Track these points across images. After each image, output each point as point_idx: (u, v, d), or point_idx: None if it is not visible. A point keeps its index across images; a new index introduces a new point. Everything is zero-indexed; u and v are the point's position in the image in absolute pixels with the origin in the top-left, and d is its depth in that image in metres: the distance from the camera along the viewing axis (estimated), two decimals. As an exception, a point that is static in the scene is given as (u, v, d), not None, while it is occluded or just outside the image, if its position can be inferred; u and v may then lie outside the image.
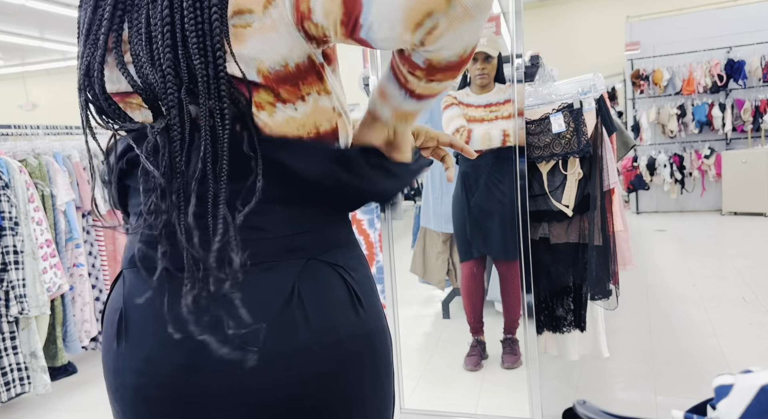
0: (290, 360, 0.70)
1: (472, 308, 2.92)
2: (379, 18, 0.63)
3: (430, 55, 0.66)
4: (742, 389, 0.53)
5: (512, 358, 2.82)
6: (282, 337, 0.70)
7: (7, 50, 11.20)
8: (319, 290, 0.73)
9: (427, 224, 3.46)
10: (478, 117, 2.73)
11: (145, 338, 0.72)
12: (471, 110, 2.78)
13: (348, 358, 0.74)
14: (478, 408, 2.44)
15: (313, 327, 0.71)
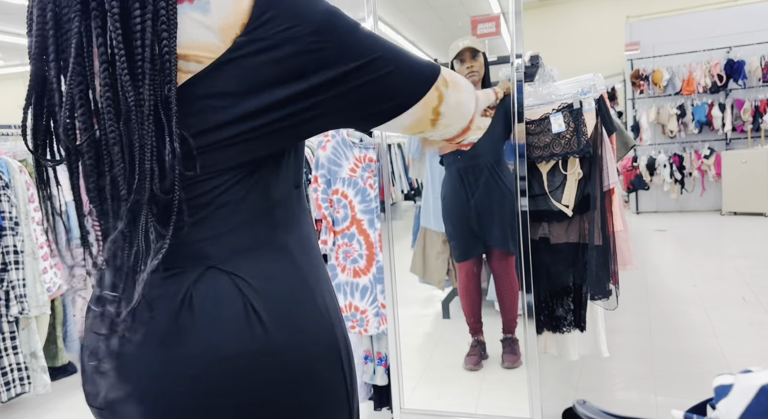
0: (174, 371, 0.68)
1: (471, 309, 2.92)
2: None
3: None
4: (742, 389, 0.53)
5: (512, 358, 2.82)
6: (168, 346, 0.68)
7: (7, 50, 11.21)
8: (210, 302, 0.69)
9: (427, 224, 3.46)
10: None
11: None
12: None
13: (234, 377, 0.68)
14: (478, 408, 2.44)
15: (198, 339, 0.68)
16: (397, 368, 2.35)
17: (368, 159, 2.35)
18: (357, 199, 2.37)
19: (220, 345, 0.68)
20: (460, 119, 0.86)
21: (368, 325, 2.38)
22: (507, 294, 2.79)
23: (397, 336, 2.35)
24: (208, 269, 0.70)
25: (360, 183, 2.37)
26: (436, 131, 0.85)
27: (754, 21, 7.30)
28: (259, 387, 0.69)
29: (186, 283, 0.69)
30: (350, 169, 2.39)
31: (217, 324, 0.68)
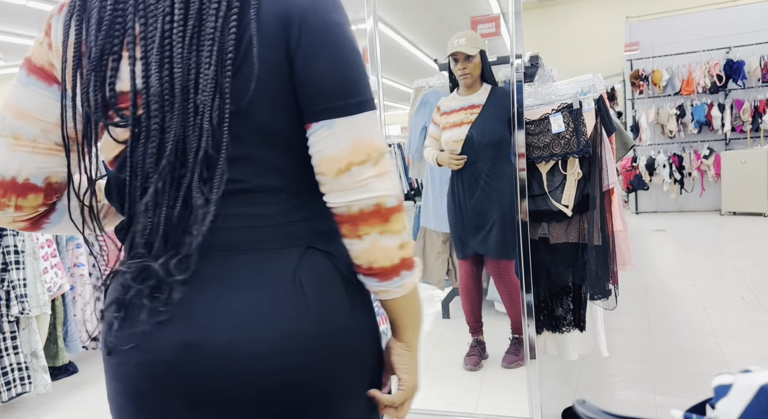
0: (294, 346, 0.73)
1: (471, 308, 2.92)
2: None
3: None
4: (742, 388, 0.54)
5: (512, 358, 2.82)
6: (288, 322, 0.73)
7: (7, 50, 11.20)
8: (317, 279, 0.76)
9: (427, 224, 3.46)
10: (458, 121, 2.70)
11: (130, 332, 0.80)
12: (452, 116, 2.74)
13: (343, 349, 0.77)
14: (478, 407, 2.45)
15: (314, 314, 0.74)
16: (397, 368, 2.35)
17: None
18: (357, 199, 2.37)
19: (331, 320, 0.76)
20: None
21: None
22: (505, 296, 2.78)
23: (397, 336, 2.35)
24: (307, 249, 0.78)
25: (360, 183, 2.37)
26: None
27: (753, 21, 7.30)
28: (357, 360, 0.81)
29: (291, 262, 0.76)
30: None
31: (326, 300, 0.76)
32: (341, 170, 0.75)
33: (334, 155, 0.75)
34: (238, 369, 0.71)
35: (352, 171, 0.75)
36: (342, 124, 0.75)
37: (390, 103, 2.66)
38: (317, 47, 0.74)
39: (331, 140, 0.75)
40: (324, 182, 0.77)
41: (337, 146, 0.75)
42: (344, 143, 0.75)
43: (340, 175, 0.75)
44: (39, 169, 0.80)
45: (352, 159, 0.75)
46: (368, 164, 0.75)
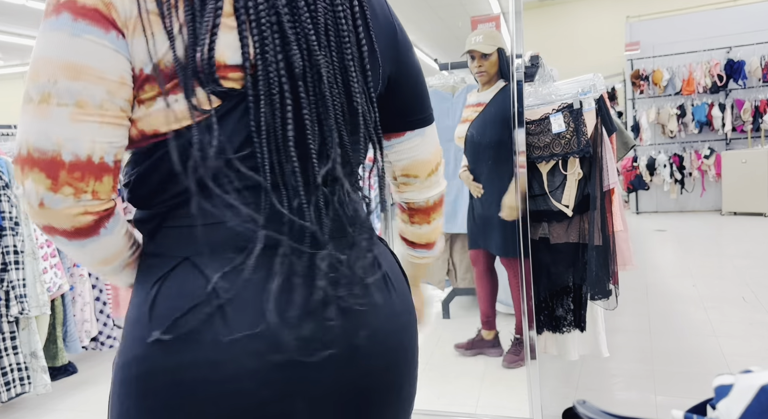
0: (390, 327, 0.79)
1: (484, 299, 2.94)
2: None
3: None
4: (742, 389, 0.53)
5: (512, 358, 2.82)
6: (381, 305, 0.78)
7: (7, 50, 11.21)
8: (389, 264, 0.83)
9: (427, 224, 3.46)
10: (465, 117, 2.74)
11: (259, 318, 0.67)
12: (466, 111, 2.78)
13: (414, 330, 0.86)
14: (478, 408, 2.44)
15: (398, 297, 0.81)
16: (397, 368, 2.35)
17: (368, 159, 2.35)
18: (357, 199, 2.37)
19: (407, 301, 0.83)
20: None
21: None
22: (514, 293, 2.78)
23: (397, 336, 2.35)
24: (373, 236, 0.84)
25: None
26: None
27: (754, 21, 7.30)
28: (416, 340, 0.88)
29: (371, 249, 0.80)
30: (350, 169, 2.39)
31: (399, 284, 0.83)
32: (432, 171, 0.91)
33: (427, 159, 0.90)
34: (379, 352, 0.77)
35: (438, 172, 0.92)
36: (430, 132, 0.89)
37: (390, 103, 2.66)
38: (413, 61, 0.85)
39: (424, 146, 0.89)
40: (413, 183, 0.91)
41: (428, 151, 0.90)
42: (433, 148, 0.90)
43: (431, 175, 0.91)
44: (110, 144, 0.66)
45: (438, 161, 0.92)
46: (442, 164, 0.94)
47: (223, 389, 0.67)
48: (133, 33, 0.66)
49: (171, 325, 0.66)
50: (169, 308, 0.67)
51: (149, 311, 0.68)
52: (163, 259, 0.71)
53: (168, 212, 0.72)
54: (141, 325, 0.68)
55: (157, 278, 0.70)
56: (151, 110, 0.67)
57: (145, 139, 0.69)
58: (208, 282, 0.67)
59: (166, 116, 0.67)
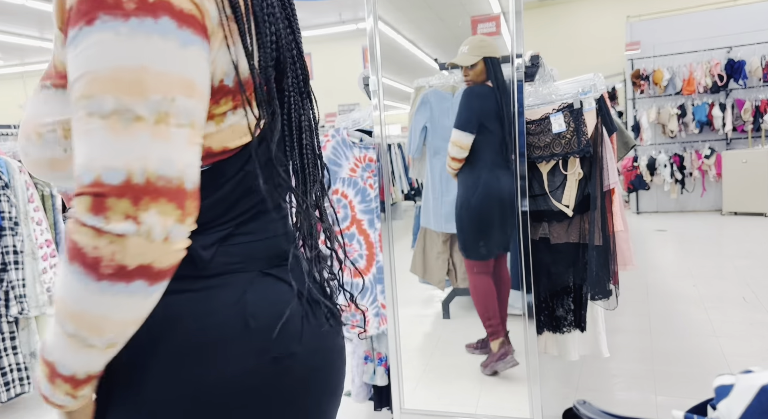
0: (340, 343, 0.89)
1: (498, 304, 2.90)
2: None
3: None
4: (743, 389, 0.53)
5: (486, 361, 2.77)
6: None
7: (7, 50, 11.22)
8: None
9: (427, 224, 3.46)
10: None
11: (318, 332, 0.77)
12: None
13: None
14: (478, 408, 2.44)
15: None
16: (397, 368, 2.35)
17: (368, 159, 2.35)
18: (357, 199, 2.37)
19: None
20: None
21: (368, 325, 2.38)
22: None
23: (397, 337, 2.35)
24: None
25: (360, 183, 2.37)
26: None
27: (754, 21, 7.29)
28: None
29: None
30: (350, 169, 2.38)
31: None
32: None
33: None
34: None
35: None
36: None
37: (390, 103, 2.67)
38: None
39: None
40: None
41: None
42: None
43: None
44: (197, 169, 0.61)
45: None
46: None
47: (322, 372, 0.77)
48: (216, 42, 0.63)
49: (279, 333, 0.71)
50: (269, 317, 0.71)
51: (244, 325, 0.69)
52: (232, 276, 0.71)
53: (232, 232, 0.71)
54: (238, 343, 0.69)
55: (238, 292, 0.70)
56: (224, 125, 0.67)
57: (209, 157, 0.67)
58: (292, 288, 0.74)
59: (239, 131, 0.68)
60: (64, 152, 0.67)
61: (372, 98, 2.28)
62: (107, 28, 0.55)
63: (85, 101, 0.55)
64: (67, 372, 0.62)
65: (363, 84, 2.45)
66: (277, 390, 0.71)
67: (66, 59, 0.59)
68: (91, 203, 0.54)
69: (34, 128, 0.68)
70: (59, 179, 0.71)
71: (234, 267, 0.71)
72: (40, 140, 0.67)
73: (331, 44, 11.69)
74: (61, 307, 0.58)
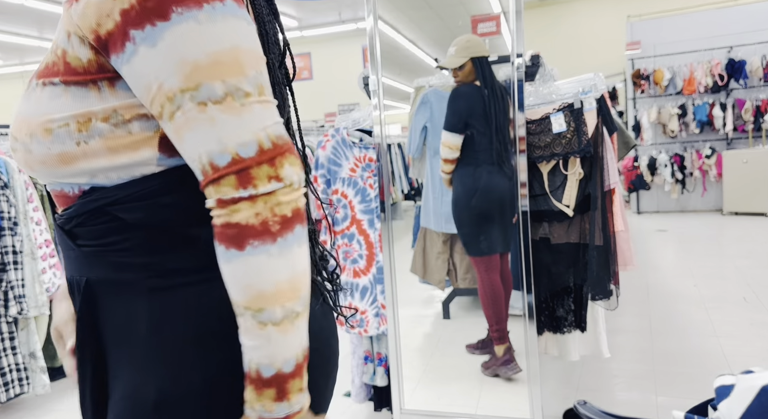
0: None
1: (504, 305, 2.89)
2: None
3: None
4: (743, 389, 0.53)
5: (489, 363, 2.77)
6: None
7: (7, 50, 11.22)
8: None
9: (427, 224, 3.45)
10: None
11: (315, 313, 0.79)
12: None
13: None
14: (478, 408, 2.44)
15: None
16: (397, 368, 2.35)
17: (368, 159, 2.35)
18: (357, 199, 2.37)
19: None
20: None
21: (368, 326, 2.38)
22: None
23: (397, 337, 2.34)
24: None
25: (360, 183, 2.36)
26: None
27: (754, 21, 7.29)
28: None
29: None
30: (350, 169, 2.38)
31: None
32: None
33: None
34: None
35: None
36: None
37: (390, 102, 2.66)
38: None
39: None
40: None
41: None
42: None
43: None
44: None
45: None
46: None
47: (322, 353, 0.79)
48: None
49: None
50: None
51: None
52: None
53: None
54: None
55: None
56: None
57: None
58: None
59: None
60: (76, 145, 0.66)
61: (372, 98, 2.28)
62: (187, 19, 0.59)
63: (190, 93, 0.59)
64: (293, 365, 0.65)
65: (363, 84, 2.45)
66: None
67: (121, 63, 0.62)
68: (237, 179, 0.60)
69: (41, 125, 0.67)
70: (65, 176, 0.69)
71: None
72: (49, 136, 0.67)
73: (331, 44, 11.69)
74: (257, 301, 0.62)
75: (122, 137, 0.66)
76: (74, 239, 0.72)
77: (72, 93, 0.66)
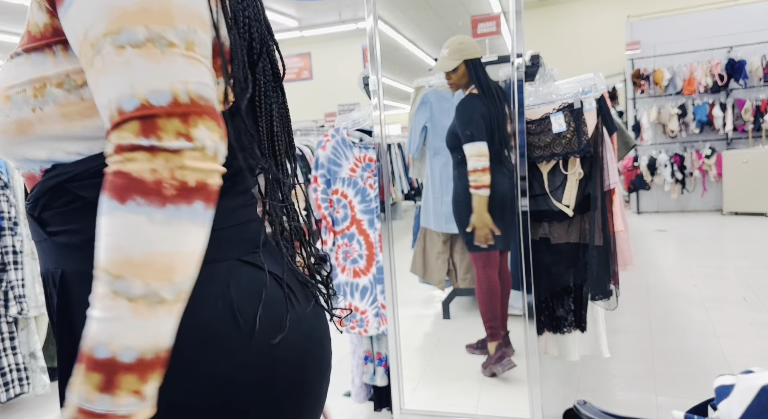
0: None
1: (502, 303, 2.90)
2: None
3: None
4: (743, 389, 0.53)
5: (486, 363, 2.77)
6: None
7: (7, 50, 11.21)
8: None
9: (427, 224, 3.45)
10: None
11: (305, 315, 0.77)
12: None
13: None
14: (478, 408, 2.44)
15: None
16: (397, 368, 2.35)
17: (368, 159, 2.35)
18: (357, 199, 2.37)
19: None
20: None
21: (368, 326, 2.38)
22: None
23: (397, 337, 2.35)
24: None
25: (360, 183, 2.36)
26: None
27: (754, 21, 7.29)
28: None
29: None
30: (350, 169, 2.38)
31: None
32: None
33: None
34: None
35: None
36: None
37: (390, 102, 2.66)
38: None
39: None
40: None
41: None
42: None
43: None
44: None
45: None
46: None
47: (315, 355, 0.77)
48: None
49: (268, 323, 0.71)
50: (256, 309, 0.70)
51: (233, 320, 0.68)
52: (211, 267, 0.67)
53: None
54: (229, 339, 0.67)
55: (222, 286, 0.69)
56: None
57: None
58: (271, 275, 0.74)
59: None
60: (32, 112, 0.64)
61: (372, 98, 2.28)
62: None
63: (111, 36, 0.56)
64: (133, 357, 0.54)
65: (363, 84, 2.45)
66: (275, 381, 0.70)
67: (61, 16, 0.60)
68: (141, 125, 0.54)
69: (2, 93, 0.66)
70: (23, 145, 0.67)
71: (213, 256, 0.67)
72: (8, 102, 0.66)
73: (331, 44, 11.69)
74: (119, 266, 0.53)
75: (75, 104, 0.64)
76: (44, 227, 0.68)
77: (32, 60, 0.65)
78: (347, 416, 2.60)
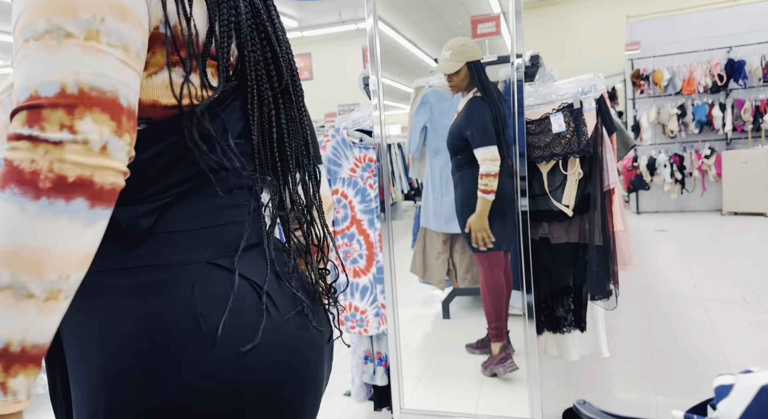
0: None
1: (505, 303, 2.90)
2: None
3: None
4: (743, 389, 0.53)
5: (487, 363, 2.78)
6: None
7: (7, 50, 11.20)
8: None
9: (427, 224, 3.46)
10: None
11: (284, 325, 0.74)
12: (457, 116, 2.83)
13: None
14: (478, 408, 2.44)
15: None
16: (397, 368, 2.35)
17: (368, 159, 2.35)
18: (357, 199, 2.37)
19: None
20: None
21: (368, 325, 2.38)
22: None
23: (397, 337, 2.35)
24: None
25: (360, 183, 2.37)
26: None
27: (754, 21, 7.29)
28: None
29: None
30: (350, 169, 2.39)
31: None
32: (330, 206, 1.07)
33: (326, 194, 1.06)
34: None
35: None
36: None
37: (390, 103, 2.66)
38: None
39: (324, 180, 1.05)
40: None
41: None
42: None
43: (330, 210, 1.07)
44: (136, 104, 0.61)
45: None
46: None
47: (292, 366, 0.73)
48: None
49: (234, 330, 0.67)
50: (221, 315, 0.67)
51: (196, 325, 0.65)
52: (177, 269, 0.67)
53: (171, 201, 0.68)
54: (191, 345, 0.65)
55: (186, 289, 0.67)
56: (155, 79, 0.66)
57: (141, 109, 0.65)
58: (245, 279, 0.70)
59: (168, 89, 0.65)
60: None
61: (372, 98, 2.28)
62: None
63: (22, 31, 0.56)
64: None
65: (363, 84, 2.45)
66: (240, 391, 0.67)
67: None
68: (27, 116, 0.53)
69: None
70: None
71: (180, 258, 0.67)
72: (1, 107, 0.70)
73: (331, 44, 11.69)
74: None
75: None
76: None
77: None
78: (347, 416, 2.60)
